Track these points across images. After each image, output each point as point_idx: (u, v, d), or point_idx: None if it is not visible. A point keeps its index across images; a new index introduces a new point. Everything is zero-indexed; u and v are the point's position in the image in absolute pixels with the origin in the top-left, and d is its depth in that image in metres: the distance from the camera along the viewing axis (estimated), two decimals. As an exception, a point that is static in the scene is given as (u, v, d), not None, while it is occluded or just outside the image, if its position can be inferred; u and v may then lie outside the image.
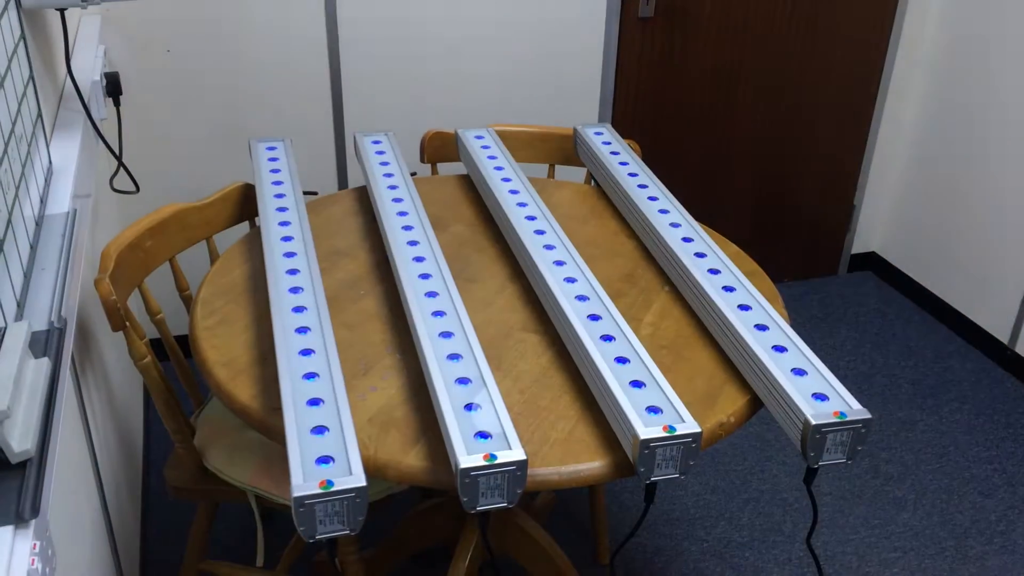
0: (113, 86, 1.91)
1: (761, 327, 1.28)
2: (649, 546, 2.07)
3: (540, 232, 1.51)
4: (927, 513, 2.19)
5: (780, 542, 2.09)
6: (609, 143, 1.85)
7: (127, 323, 1.39)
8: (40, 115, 1.32)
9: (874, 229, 3.21)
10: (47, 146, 1.36)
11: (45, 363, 0.95)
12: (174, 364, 1.61)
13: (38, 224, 1.18)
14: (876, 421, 2.50)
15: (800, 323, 2.94)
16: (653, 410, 1.11)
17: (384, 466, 1.11)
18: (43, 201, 1.24)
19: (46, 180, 1.30)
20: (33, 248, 1.12)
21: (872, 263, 3.26)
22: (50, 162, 1.36)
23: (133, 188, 1.87)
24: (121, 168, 1.80)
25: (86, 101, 1.61)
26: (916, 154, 3.00)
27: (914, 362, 2.76)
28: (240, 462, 1.53)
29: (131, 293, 1.49)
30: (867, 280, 3.21)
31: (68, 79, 1.71)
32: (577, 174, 2.70)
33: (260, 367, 1.26)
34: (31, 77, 1.29)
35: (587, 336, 1.23)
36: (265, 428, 1.17)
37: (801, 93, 2.86)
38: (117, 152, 2.12)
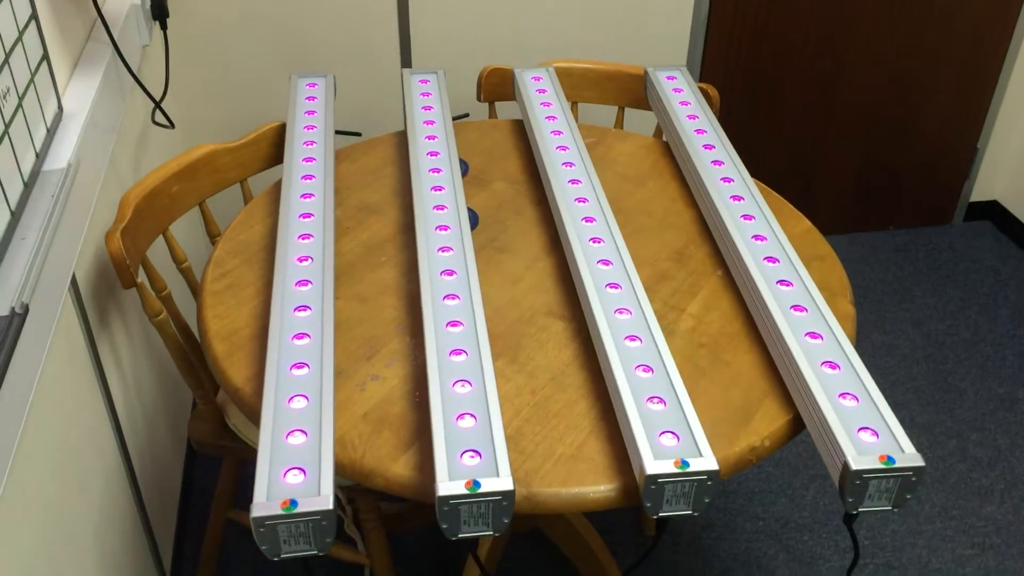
0: (159, 8, 1.82)
1: (814, 335, 1.12)
2: (699, 520, 1.96)
3: (582, 200, 1.36)
4: (1015, 507, 2.00)
5: (842, 527, 1.95)
6: (681, 90, 1.66)
7: (140, 280, 1.33)
8: (46, 58, 1.24)
9: (998, 175, 2.88)
10: (56, 91, 1.28)
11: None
12: (201, 314, 1.55)
13: (27, 185, 1.11)
14: (972, 395, 2.28)
15: (901, 278, 2.69)
16: (669, 435, 0.98)
17: (370, 472, 1.03)
18: (39, 156, 1.17)
19: (49, 131, 1.22)
20: (15, 215, 1.05)
21: (992, 213, 2.95)
22: (60, 108, 1.29)
23: (168, 124, 1.80)
24: (159, 104, 1.72)
25: (115, 34, 1.52)
26: (1056, 94, 2.65)
27: (1025, 331, 2.50)
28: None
29: (153, 241, 1.43)
30: (985, 232, 2.91)
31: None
32: (649, 120, 2.46)
33: (260, 343, 1.18)
34: (33, 15, 1.20)
35: (609, 335, 1.10)
36: (255, 417, 1.10)
37: (927, 20, 2.53)
38: (164, 80, 2.04)
